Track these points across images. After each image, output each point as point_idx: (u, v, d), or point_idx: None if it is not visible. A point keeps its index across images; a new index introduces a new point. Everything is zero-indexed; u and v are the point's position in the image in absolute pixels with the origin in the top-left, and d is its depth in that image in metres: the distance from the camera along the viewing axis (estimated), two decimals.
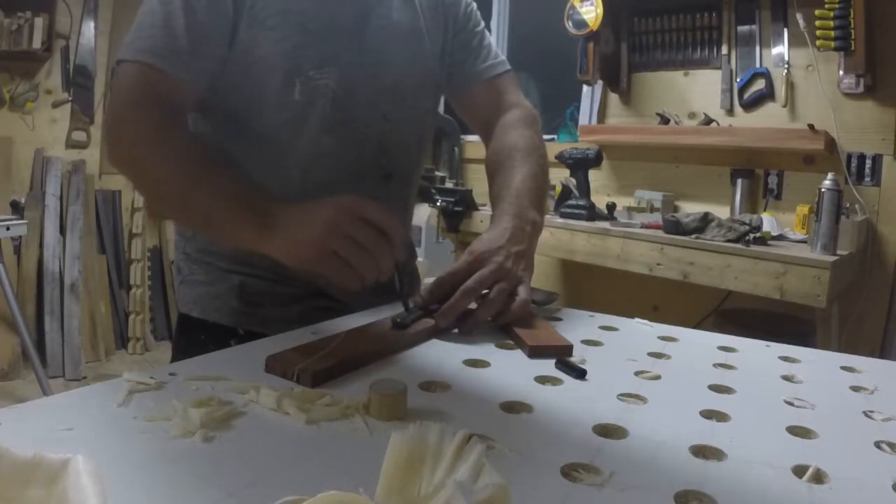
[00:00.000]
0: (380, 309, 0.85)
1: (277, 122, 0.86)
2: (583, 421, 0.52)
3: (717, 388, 0.62)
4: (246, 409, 0.51)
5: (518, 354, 0.71)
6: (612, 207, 2.39)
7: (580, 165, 2.34)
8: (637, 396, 0.59)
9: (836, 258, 1.73)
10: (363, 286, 0.72)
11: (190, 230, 0.95)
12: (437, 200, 2.58)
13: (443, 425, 0.37)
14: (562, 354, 0.69)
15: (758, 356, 0.75)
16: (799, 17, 2.16)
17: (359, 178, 0.91)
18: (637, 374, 0.65)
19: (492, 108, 1.04)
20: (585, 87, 2.76)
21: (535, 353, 0.70)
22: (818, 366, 0.72)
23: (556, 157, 2.41)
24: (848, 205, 2.00)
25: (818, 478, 0.44)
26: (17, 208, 3.00)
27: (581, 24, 2.44)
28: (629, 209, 2.45)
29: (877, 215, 2.11)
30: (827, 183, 1.78)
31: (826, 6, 2.00)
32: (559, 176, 2.55)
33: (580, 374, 0.63)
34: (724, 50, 2.41)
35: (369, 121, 0.90)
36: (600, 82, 2.67)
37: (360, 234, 0.68)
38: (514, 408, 0.55)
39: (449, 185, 2.87)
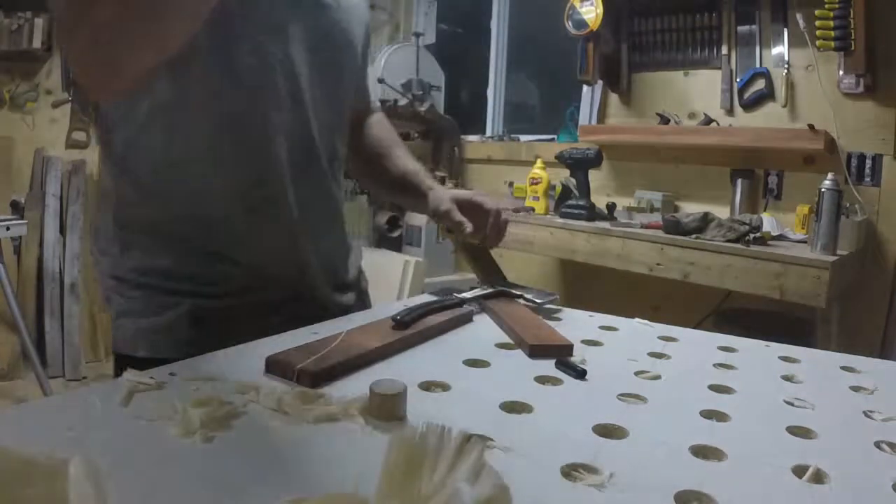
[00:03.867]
0: (375, 311, 0.85)
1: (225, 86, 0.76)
2: (583, 421, 0.52)
3: (717, 388, 0.62)
4: (246, 409, 0.51)
5: (518, 354, 0.71)
6: (612, 207, 2.39)
7: (580, 165, 2.34)
8: (637, 396, 0.59)
9: (836, 258, 1.73)
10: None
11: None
12: None
13: (443, 425, 0.37)
14: (562, 354, 0.69)
15: (758, 356, 0.75)
16: (799, 17, 2.16)
17: (277, 159, 0.82)
18: (637, 374, 0.65)
19: (363, 106, 1.07)
20: (585, 87, 2.76)
21: (536, 352, 0.70)
22: (818, 366, 0.72)
23: (556, 157, 2.41)
24: (848, 205, 1.99)
25: (818, 478, 0.44)
26: (17, 208, 3.01)
27: (581, 24, 2.44)
28: (629, 209, 2.45)
29: (877, 215, 2.11)
30: (827, 183, 1.78)
31: (826, 6, 2.00)
32: (559, 176, 2.55)
33: (580, 374, 0.63)
34: (724, 50, 2.41)
35: (294, 96, 0.82)
36: (600, 82, 2.67)
37: None
38: (514, 408, 0.55)
39: (449, 185, 2.87)
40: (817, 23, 2.03)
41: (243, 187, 0.80)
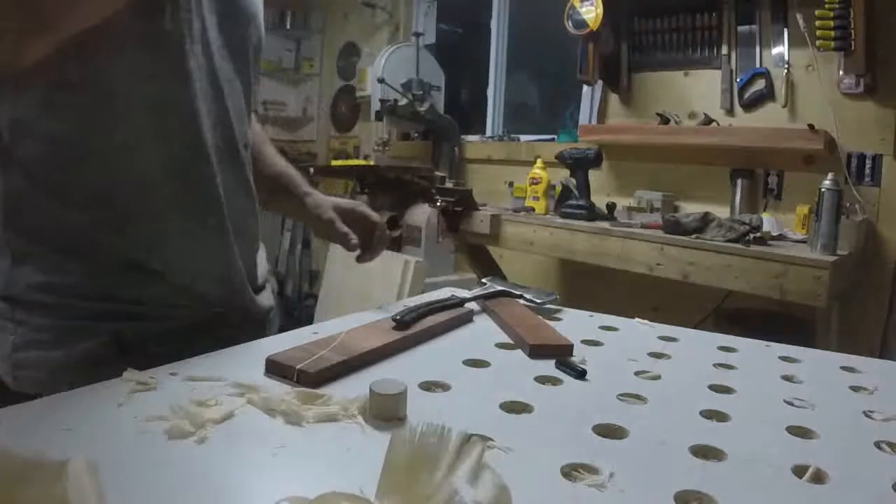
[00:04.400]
0: (375, 311, 0.85)
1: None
2: (583, 421, 0.52)
3: (717, 388, 0.62)
4: (245, 409, 0.51)
5: (518, 354, 0.71)
6: (612, 207, 2.39)
7: (580, 165, 2.34)
8: (637, 396, 0.59)
9: (836, 258, 1.73)
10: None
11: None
12: (437, 200, 2.58)
13: (443, 425, 0.37)
14: (562, 354, 0.69)
15: (758, 356, 0.75)
16: (799, 17, 2.16)
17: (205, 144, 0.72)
18: (637, 374, 0.65)
19: None
20: (585, 87, 2.76)
21: (536, 352, 0.70)
22: (818, 366, 0.72)
23: (556, 157, 2.41)
24: (848, 205, 1.99)
25: (818, 478, 0.44)
26: None
27: (581, 24, 2.44)
28: (629, 209, 2.45)
29: (877, 215, 2.11)
30: (827, 183, 1.78)
31: (826, 6, 2.00)
32: (559, 176, 2.55)
33: (580, 374, 0.63)
34: (724, 50, 2.41)
35: (210, 75, 0.73)
36: (600, 82, 2.67)
37: None
38: (514, 408, 0.55)
39: (449, 184, 2.87)
40: (817, 23, 2.03)
41: (168, 177, 0.69)
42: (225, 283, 0.77)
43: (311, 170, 3.05)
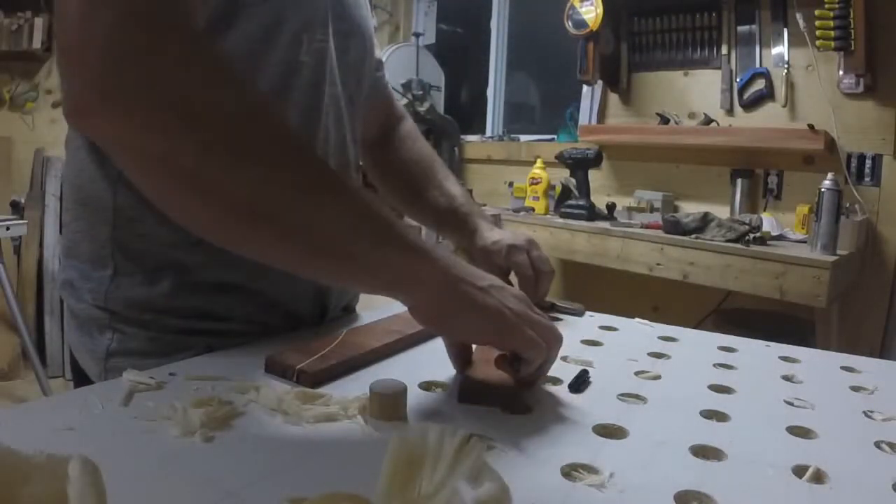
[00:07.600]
0: (375, 311, 0.85)
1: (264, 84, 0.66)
2: (583, 421, 0.52)
3: (717, 388, 0.62)
4: (246, 409, 0.51)
5: None
6: (612, 207, 2.39)
7: (580, 165, 2.34)
8: (637, 396, 0.59)
9: (836, 258, 1.73)
10: None
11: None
12: None
13: (443, 425, 0.37)
14: (500, 401, 0.55)
15: (758, 356, 0.75)
16: (799, 17, 2.16)
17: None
18: (637, 374, 0.65)
19: (387, 115, 0.99)
20: (585, 87, 2.76)
21: (465, 397, 0.56)
22: (818, 366, 0.72)
23: (556, 157, 2.41)
24: (848, 205, 2.00)
25: (818, 478, 0.44)
26: (17, 208, 3.01)
27: (581, 24, 2.44)
28: (629, 209, 2.45)
29: (877, 215, 2.11)
30: (827, 183, 1.78)
31: (826, 6, 2.00)
32: (559, 176, 2.55)
33: (578, 387, 0.59)
34: (724, 50, 2.41)
35: (335, 100, 0.74)
36: (600, 82, 2.67)
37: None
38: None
39: None
40: (817, 23, 2.03)
41: None
42: (320, 305, 0.78)
43: None
